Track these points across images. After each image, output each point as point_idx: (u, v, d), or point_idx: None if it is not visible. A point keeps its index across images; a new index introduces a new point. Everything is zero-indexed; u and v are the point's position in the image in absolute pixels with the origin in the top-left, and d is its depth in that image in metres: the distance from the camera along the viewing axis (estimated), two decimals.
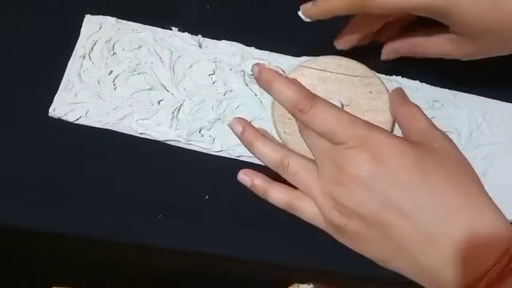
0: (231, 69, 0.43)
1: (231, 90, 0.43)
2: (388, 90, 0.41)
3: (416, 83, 0.43)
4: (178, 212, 0.40)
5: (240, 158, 0.41)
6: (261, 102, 0.42)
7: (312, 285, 0.55)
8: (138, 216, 0.40)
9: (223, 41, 0.44)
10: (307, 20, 0.39)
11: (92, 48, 0.43)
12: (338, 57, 0.42)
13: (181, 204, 0.40)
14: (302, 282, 0.49)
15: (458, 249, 0.28)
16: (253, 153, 0.36)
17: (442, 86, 0.43)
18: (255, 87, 0.43)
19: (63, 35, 0.44)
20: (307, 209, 0.34)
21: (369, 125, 0.31)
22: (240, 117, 0.37)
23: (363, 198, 0.30)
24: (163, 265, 0.46)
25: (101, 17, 0.44)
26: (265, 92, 0.43)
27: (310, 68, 0.42)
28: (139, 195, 0.40)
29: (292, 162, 0.34)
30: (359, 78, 0.41)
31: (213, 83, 0.43)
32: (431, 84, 0.43)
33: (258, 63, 0.35)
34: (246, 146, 0.36)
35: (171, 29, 0.44)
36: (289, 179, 0.34)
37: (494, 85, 0.44)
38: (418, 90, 0.43)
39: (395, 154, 0.30)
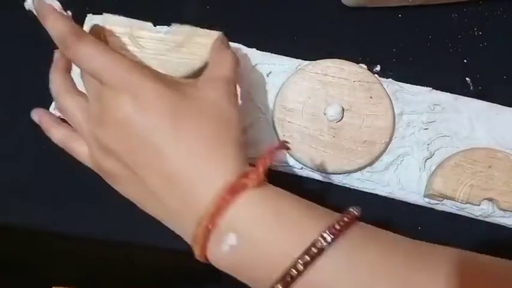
0: None
1: None
2: (389, 96, 0.41)
3: (417, 87, 0.43)
4: None
5: None
6: (261, 104, 0.42)
7: None
8: (138, 216, 0.40)
9: None
10: None
11: None
12: (340, 61, 0.42)
13: None
14: None
15: (189, 189, 0.29)
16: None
17: (442, 90, 0.43)
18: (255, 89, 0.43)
19: None
20: (79, 150, 0.35)
21: (131, 67, 0.31)
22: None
23: (119, 138, 0.30)
24: (164, 265, 0.47)
25: (102, 16, 0.44)
26: (264, 95, 0.43)
27: (312, 71, 0.41)
28: None
29: (68, 101, 0.35)
30: (360, 82, 0.41)
31: None
32: (432, 88, 0.43)
33: None
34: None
35: None
36: (67, 119, 0.35)
37: (494, 88, 0.44)
38: (418, 94, 0.42)
39: (153, 97, 0.30)
